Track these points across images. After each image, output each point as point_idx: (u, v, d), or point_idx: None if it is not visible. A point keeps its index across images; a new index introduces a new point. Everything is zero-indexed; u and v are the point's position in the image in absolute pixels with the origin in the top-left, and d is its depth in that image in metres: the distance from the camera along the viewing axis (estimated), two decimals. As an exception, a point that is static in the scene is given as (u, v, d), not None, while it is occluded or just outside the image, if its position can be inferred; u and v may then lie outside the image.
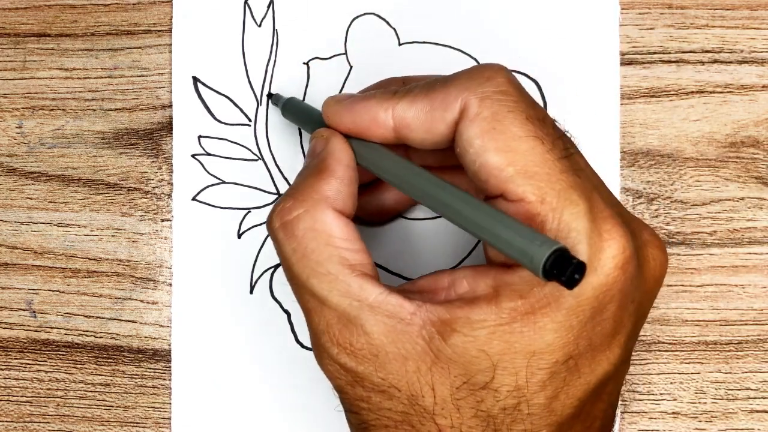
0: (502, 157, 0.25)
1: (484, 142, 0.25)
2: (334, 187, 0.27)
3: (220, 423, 0.36)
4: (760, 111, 0.36)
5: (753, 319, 0.35)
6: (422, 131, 0.27)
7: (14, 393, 0.37)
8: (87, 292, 0.37)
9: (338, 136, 0.28)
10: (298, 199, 0.27)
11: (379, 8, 0.36)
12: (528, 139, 0.25)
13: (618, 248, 0.24)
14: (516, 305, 0.24)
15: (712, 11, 0.36)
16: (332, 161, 0.28)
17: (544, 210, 0.24)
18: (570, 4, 0.36)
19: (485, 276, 0.25)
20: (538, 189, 0.24)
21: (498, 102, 0.25)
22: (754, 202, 0.35)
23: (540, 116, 0.26)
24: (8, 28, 0.38)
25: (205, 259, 0.36)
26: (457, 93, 0.26)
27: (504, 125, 0.25)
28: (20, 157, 0.37)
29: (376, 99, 0.27)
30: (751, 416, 0.35)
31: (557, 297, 0.24)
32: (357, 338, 0.25)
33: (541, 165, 0.25)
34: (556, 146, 0.25)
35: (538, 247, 0.22)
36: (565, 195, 0.24)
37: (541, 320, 0.24)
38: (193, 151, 0.37)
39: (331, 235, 0.26)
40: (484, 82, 0.26)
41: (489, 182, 0.25)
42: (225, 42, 0.37)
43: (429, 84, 0.27)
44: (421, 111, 0.26)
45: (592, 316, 0.25)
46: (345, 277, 0.26)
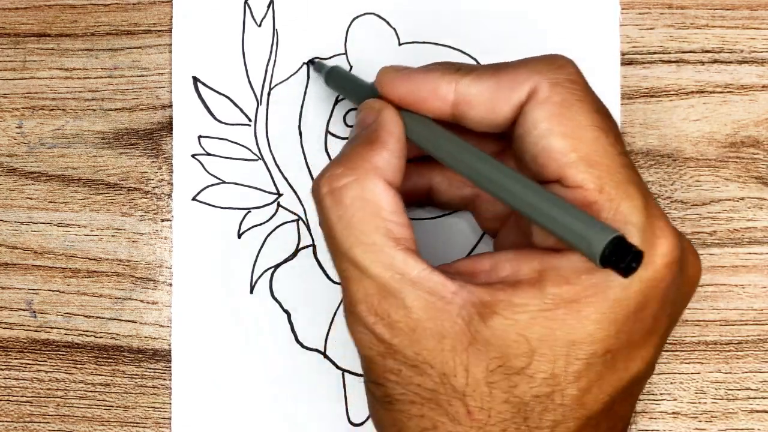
0: (567, 142, 0.25)
1: (551, 125, 0.25)
2: (385, 158, 0.26)
3: (220, 423, 0.36)
4: (760, 111, 0.36)
5: (753, 319, 0.35)
6: (484, 109, 0.26)
7: (14, 393, 0.37)
8: (87, 292, 0.37)
9: (390, 108, 0.28)
10: (349, 167, 0.26)
11: (379, 8, 0.36)
12: (593, 129, 0.25)
13: (669, 247, 0.25)
14: (561, 291, 0.24)
15: (712, 11, 0.36)
16: (384, 133, 0.27)
17: (602, 199, 0.24)
18: (570, 4, 0.36)
19: (530, 259, 0.25)
20: (598, 178, 0.24)
21: (568, 90, 0.25)
22: (754, 202, 0.35)
23: (605, 111, 0.26)
24: (8, 28, 0.38)
25: (205, 259, 0.36)
26: (527, 75, 0.26)
27: (572, 112, 0.25)
28: (20, 157, 0.37)
29: (439, 71, 0.27)
30: (751, 416, 0.35)
31: (604, 287, 0.24)
32: (396, 310, 0.25)
33: (603, 156, 0.25)
34: (618, 141, 0.25)
35: (597, 233, 0.22)
36: (624, 188, 0.24)
37: (586, 309, 0.24)
38: (193, 151, 0.37)
39: (380, 206, 0.26)
40: (555, 68, 0.26)
41: (548, 166, 0.25)
42: (225, 42, 0.37)
43: (497, 65, 0.27)
44: (486, 89, 0.26)
45: (635, 311, 0.25)
46: (390, 249, 0.25)
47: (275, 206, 0.36)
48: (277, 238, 0.36)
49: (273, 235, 0.36)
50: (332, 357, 0.36)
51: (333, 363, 0.36)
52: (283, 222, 0.36)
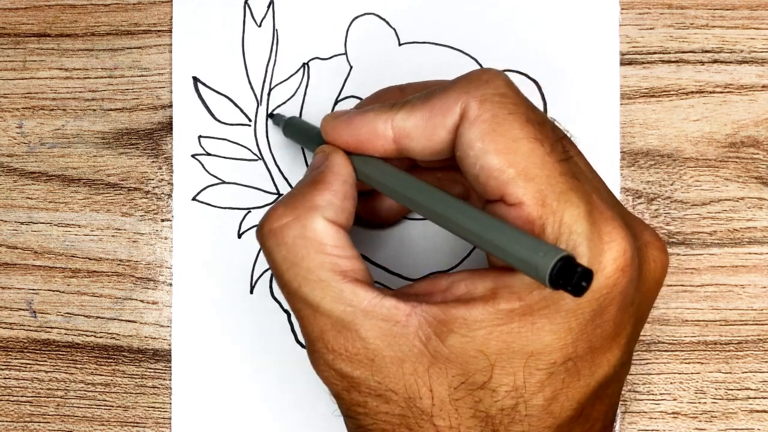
0: (503, 158, 0.24)
1: (485, 143, 0.25)
2: (327, 198, 0.27)
3: (220, 423, 0.36)
4: (760, 111, 0.36)
5: (753, 319, 0.35)
6: (423, 139, 0.26)
7: (14, 393, 0.37)
8: (87, 292, 0.37)
9: (338, 152, 0.28)
10: (289, 206, 0.27)
11: (379, 8, 0.36)
12: (528, 140, 0.25)
13: (619, 250, 0.24)
14: (513, 307, 0.24)
15: (712, 11, 0.36)
16: (329, 174, 0.27)
17: (545, 213, 0.24)
18: (570, 4, 0.36)
19: (484, 279, 0.25)
20: (538, 192, 0.24)
21: (498, 104, 0.25)
22: (754, 202, 0.35)
23: (539, 119, 0.26)
24: (8, 28, 0.38)
25: (205, 259, 0.36)
26: (456, 96, 0.26)
27: (504, 127, 0.25)
28: (20, 157, 0.37)
29: (374, 111, 0.27)
30: (751, 416, 0.35)
31: (556, 299, 0.24)
32: (352, 343, 0.25)
33: (541, 167, 0.24)
34: (556, 149, 0.25)
35: (542, 258, 0.22)
36: (565, 197, 0.24)
37: (539, 321, 0.24)
38: (193, 151, 0.37)
39: (322, 242, 0.26)
40: (482, 84, 0.26)
41: (489, 185, 0.25)
42: (225, 42, 0.37)
43: (427, 93, 0.27)
44: (420, 119, 0.26)
45: (591, 319, 0.25)
46: (337, 283, 0.25)
47: (275, 206, 0.36)
48: (277, 238, 0.36)
49: (273, 235, 0.36)
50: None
51: (333, 363, 0.36)
52: (283, 222, 0.36)
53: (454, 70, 0.36)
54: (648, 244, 0.27)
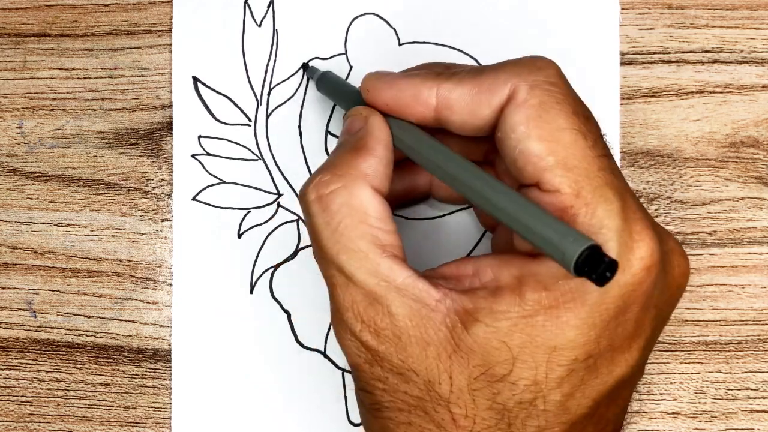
0: (544, 145, 0.25)
1: (529, 128, 0.25)
2: (373, 165, 0.27)
3: (220, 423, 0.36)
4: (760, 111, 0.36)
5: (753, 319, 0.35)
6: (465, 113, 0.26)
7: (14, 393, 0.37)
8: (87, 292, 0.37)
9: (377, 115, 0.28)
10: (336, 173, 0.26)
11: (379, 8, 0.36)
12: (572, 132, 0.25)
13: (647, 250, 0.25)
14: (540, 297, 0.24)
15: (712, 11, 0.36)
16: (371, 139, 0.27)
17: (578, 204, 0.24)
18: (570, 4, 0.36)
19: (510, 265, 0.25)
20: (575, 182, 0.24)
21: (547, 92, 0.25)
22: (754, 202, 0.35)
23: (585, 113, 0.26)
24: (8, 28, 0.38)
25: (205, 259, 0.36)
26: (506, 78, 0.26)
27: (550, 115, 0.25)
28: (20, 157, 0.37)
29: (421, 77, 0.27)
30: (751, 416, 0.35)
31: (582, 292, 0.24)
32: (382, 318, 0.25)
33: (581, 159, 0.25)
34: (597, 144, 0.25)
35: (571, 243, 0.22)
36: (601, 192, 0.24)
37: (565, 315, 0.24)
38: (193, 151, 0.37)
39: (366, 213, 0.26)
40: (535, 71, 0.26)
41: (526, 169, 0.25)
42: (225, 42, 0.37)
43: (477, 68, 0.27)
44: (467, 93, 0.26)
45: (615, 316, 0.25)
46: (375, 256, 0.25)
47: (275, 206, 0.36)
48: (277, 238, 0.36)
49: (273, 235, 0.36)
50: (332, 357, 0.36)
51: (333, 363, 0.36)
52: (283, 222, 0.36)
53: (454, 70, 0.36)
54: (672, 251, 0.27)
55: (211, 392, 0.36)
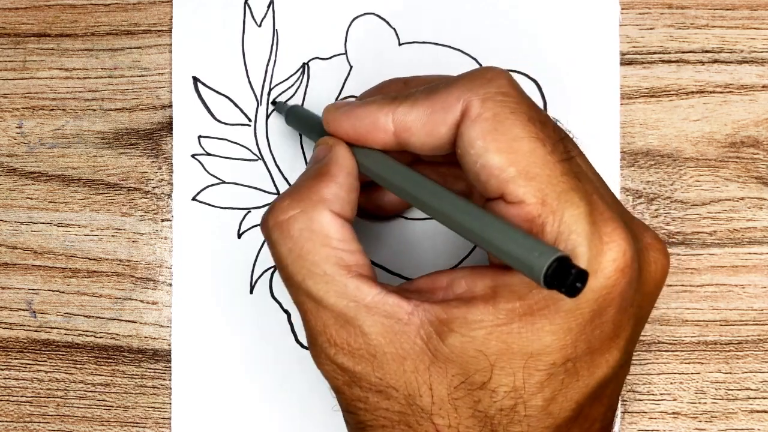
0: (504, 157, 0.24)
1: (486, 142, 0.25)
2: (333, 191, 0.27)
3: (220, 423, 0.36)
4: (760, 111, 0.36)
5: (753, 319, 0.35)
6: (423, 134, 0.26)
7: (14, 393, 0.37)
8: (87, 292, 0.37)
9: (342, 144, 0.28)
10: (295, 198, 0.27)
11: (379, 8, 0.36)
12: (529, 140, 0.25)
13: (619, 251, 0.24)
14: (514, 306, 0.24)
15: (712, 11, 0.36)
16: (333, 167, 0.27)
17: (545, 212, 0.24)
18: (570, 4, 0.36)
19: (483, 276, 0.25)
20: (538, 191, 0.24)
21: (500, 103, 0.25)
22: (754, 202, 0.35)
23: (541, 118, 0.25)
24: (8, 28, 0.38)
25: (205, 259, 0.36)
26: (458, 94, 0.26)
27: (506, 126, 0.25)
28: (20, 157, 0.37)
29: (376, 104, 0.27)
30: (751, 416, 0.35)
31: (556, 299, 0.24)
32: (355, 338, 0.25)
33: (542, 166, 0.24)
34: (557, 149, 0.25)
35: (537, 257, 0.22)
36: (566, 197, 0.24)
37: (539, 322, 0.24)
38: (193, 151, 0.37)
39: (328, 236, 0.26)
40: (485, 83, 0.26)
41: (489, 183, 0.25)
42: (225, 42, 0.37)
43: (429, 88, 0.27)
44: (422, 114, 0.26)
45: (591, 319, 0.25)
46: (341, 278, 0.26)
47: (275, 206, 0.36)
48: (277, 238, 0.36)
49: (273, 235, 0.36)
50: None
51: (333, 363, 0.36)
52: (283, 222, 0.36)
53: (454, 70, 0.36)
54: (649, 246, 0.27)
55: (211, 392, 0.36)
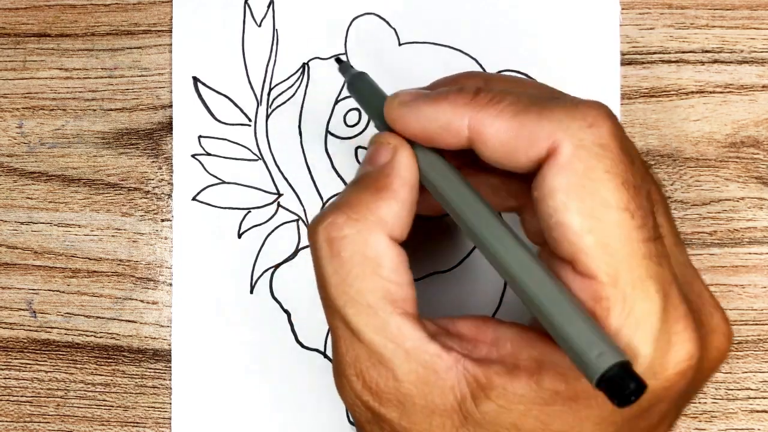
0: (585, 222, 0.22)
1: (569, 198, 0.22)
2: (394, 210, 0.24)
3: (220, 423, 0.36)
4: (760, 111, 0.36)
5: (753, 319, 0.35)
6: (499, 153, 0.24)
7: (14, 393, 0.37)
8: (87, 292, 0.37)
9: (407, 149, 0.25)
10: (352, 216, 0.24)
11: (379, 8, 0.36)
12: (618, 210, 0.22)
13: (685, 355, 0.22)
14: (559, 388, 0.22)
15: (712, 11, 0.36)
16: (396, 179, 0.25)
17: (615, 296, 0.22)
18: (570, 4, 0.36)
19: (531, 345, 0.23)
20: (614, 270, 0.22)
21: (595, 156, 0.22)
22: (754, 202, 0.35)
23: (637, 182, 0.22)
24: (8, 28, 0.38)
25: (205, 259, 0.36)
26: (551, 130, 0.22)
27: (595, 186, 0.22)
28: (20, 157, 0.37)
29: (450, 101, 0.24)
30: (751, 416, 0.35)
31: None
32: (386, 381, 0.24)
33: (624, 243, 0.22)
34: (646, 224, 0.22)
35: (597, 357, 0.20)
36: (642, 285, 0.22)
37: (585, 411, 0.22)
38: (193, 151, 0.37)
39: (380, 264, 0.24)
40: (585, 126, 0.22)
41: (561, 245, 0.22)
42: (225, 42, 0.37)
43: (520, 101, 0.23)
44: (503, 132, 0.23)
45: (639, 414, 0.23)
46: (385, 313, 0.23)
47: (275, 206, 0.36)
48: (277, 238, 0.36)
49: (273, 235, 0.36)
50: (332, 357, 0.36)
51: (333, 363, 0.36)
52: (283, 222, 0.36)
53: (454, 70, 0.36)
54: (714, 330, 0.25)
55: (211, 392, 0.36)
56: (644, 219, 0.22)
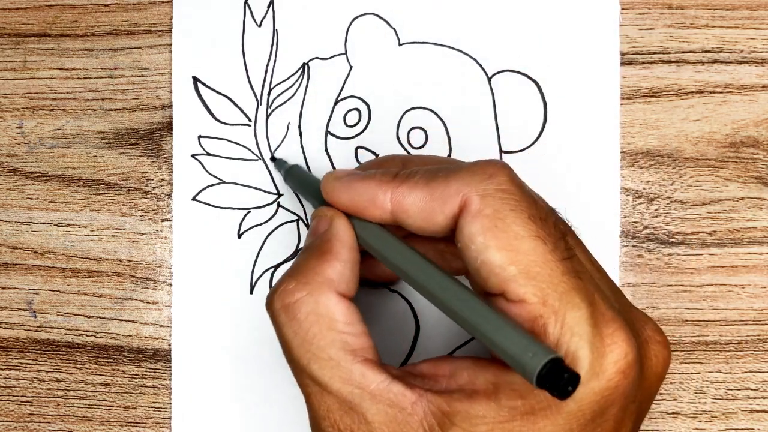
0: (504, 255, 0.24)
1: (486, 239, 0.25)
2: (338, 269, 0.27)
3: (220, 423, 0.36)
4: (760, 111, 0.36)
5: (753, 319, 0.35)
6: (419, 219, 0.27)
7: (14, 393, 0.37)
8: (87, 292, 0.37)
9: (342, 217, 0.28)
10: (301, 281, 0.27)
11: (379, 8, 0.36)
12: (530, 239, 0.25)
13: (620, 353, 0.24)
14: (515, 404, 0.24)
15: (712, 11, 0.36)
16: (336, 243, 0.27)
17: (546, 312, 0.24)
18: (570, 4, 0.36)
19: (486, 370, 0.25)
20: (540, 290, 0.24)
21: (500, 200, 0.25)
22: (754, 202, 0.35)
23: (542, 215, 0.25)
24: (8, 28, 0.38)
25: (205, 259, 0.36)
26: (458, 187, 0.26)
27: (506, 223, 0.25)
28: (20, 157, 0.37)
29: (376, 180, 0.27)
30: (751, 416, 0.35)
31: (554, 400, 0.24)
32: (358, 425, 0.25)
33: (542, 266, 0.24)
34: (558, 247, 0.25)
35: (531, 357, 0.22)
36: (568, 298, 0.24)
37: (541, 422, 0.24)
38: (193, 151, 0.37)
39: (334, 319, 0.26)
40: (486, 179, 0.26)
41: (490, 280, 0.25)
42: (225, 42, 0.37)
43: (430, 173, 0.27)
44: (419, 199, 0.26)
45: (592, 419, 0.25)
46: (347, 363, 0.26)
47: (275, 206, 0.36)
48: (277, 238, 0.36)
49: (273, 235, 0.36)
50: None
51: (333, 363, 0.36)
52: (283, 222, 0.36)
53: (454, 70, 0.37)
54: (649, 340, 0.27)
55: (211, 392, 0.36)
56: (556, 243, 0.25)
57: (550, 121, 0.36)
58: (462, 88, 0.36)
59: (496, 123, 0.36)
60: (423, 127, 0.36)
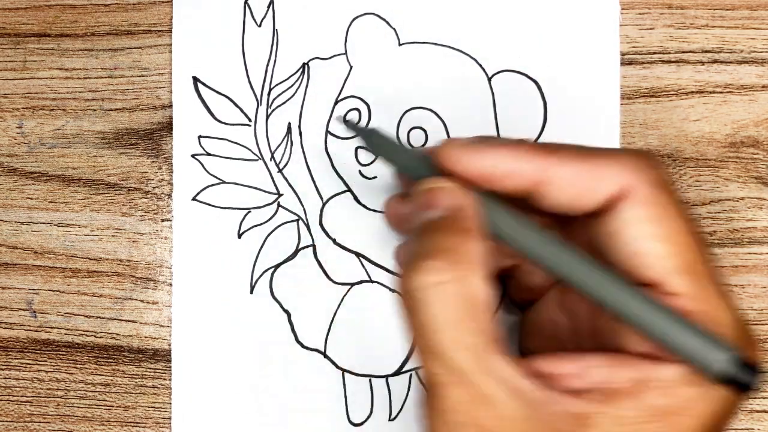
0: (666, 247, 0.24)
1: (651, 228, 0.24)
2: (483, 249, 0.25)
3: (220, 423, 0.36)
4: (760, 111, 0.36)
5: (753, 319, 0.35)
6: (568, 195, 0.25)
7: (14, 393, 0.37)
8: (87, 292, 0.37)
9: (468, 191, 0.26)
10: (447, 260, 0.24)
11: (379, 8, 0.36)
12: (690, 234, 0.25)
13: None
14: (661, 403, 0.24)
15: (712, 11, 0.36)
16: (473, 221, 0.25)
17: (698, 308, 0.24)
18: (570, 4, 0.36)
19: (625, 367, 0.24)
20: (695, 287, 0.24)
21: (668, 192, 0.25)
22: (754, 202, 0.35)
23: (693, 218, 0.26)
24: (8, 28, 0.38)
25: (205, 259, 0.36)
26: (620, 169, 0.25)
27: (672, 216, 0.25)
28: (20, 157, 0.37)
29: (516, 148, 0.25)
30: (751, 416, 0.35)
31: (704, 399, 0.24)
32: (492, 421, 0.24)
33: (702, 264, 0.24)
34: (708, 250, 0.25)
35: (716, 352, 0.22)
36: (717, 301, 0.24)
37: (687, 422, 0.24)
38: (193, 151, 0.37)
39: (479, 305, 0.24)
40: (652, 167, 0.25)
41: (643, 269, 0.24)
42: (225, 42, 0.37)
43: (582, 149, 0.25)
44: (572, 174, 0.25)
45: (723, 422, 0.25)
46: (487, 353, 0.24)
47: (275, 206, 0.36)
48: (277, 238, 0.36)
49: (273, 235, 0.36)
50: (332, 357, 0.36)
51: (333, 363, 0.36)
52: (283, 222, 0.36)
53: (454, 70, 0.37)
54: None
55: (211, 392, 0.36)
56: (707, 246, 0.25)
57: (550, 121, 0.36)
58: (462, 88, 0.36)
59: (496, 123, 0.36)
60: (423, 127, 0.36)
